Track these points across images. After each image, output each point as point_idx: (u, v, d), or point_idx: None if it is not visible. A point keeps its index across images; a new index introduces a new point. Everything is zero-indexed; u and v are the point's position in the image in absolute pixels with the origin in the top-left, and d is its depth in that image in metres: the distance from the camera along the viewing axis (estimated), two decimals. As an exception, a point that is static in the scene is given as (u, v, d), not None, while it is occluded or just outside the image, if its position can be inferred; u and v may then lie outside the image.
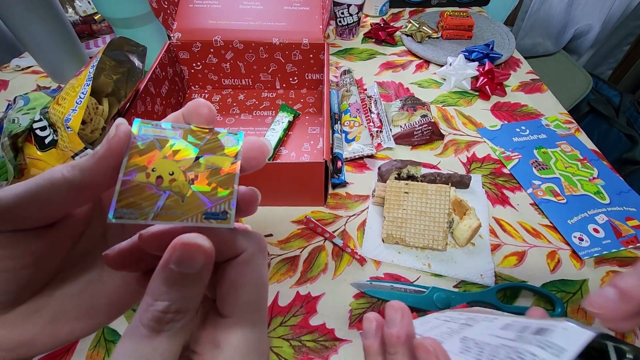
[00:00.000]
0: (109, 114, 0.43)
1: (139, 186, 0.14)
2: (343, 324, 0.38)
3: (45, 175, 0.13)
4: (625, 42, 1.14)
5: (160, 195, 0.14)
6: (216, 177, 0.15)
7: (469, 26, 0.79)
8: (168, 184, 0.14)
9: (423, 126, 0.56)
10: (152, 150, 0.14)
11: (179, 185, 0.14)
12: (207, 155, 0.15)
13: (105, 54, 0.43)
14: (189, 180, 0.14)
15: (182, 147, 0.15)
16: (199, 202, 0.14)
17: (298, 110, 0.61)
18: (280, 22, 0.59)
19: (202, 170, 0.15)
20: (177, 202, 0.14)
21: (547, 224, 0.47)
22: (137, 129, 0.14)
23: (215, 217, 0.14)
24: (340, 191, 0.51)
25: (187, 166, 0.15)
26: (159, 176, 0.14)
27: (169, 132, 0.15)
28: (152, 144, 0.14)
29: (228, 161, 0.15)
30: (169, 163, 0.14)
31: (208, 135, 0.16)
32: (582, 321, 0.38)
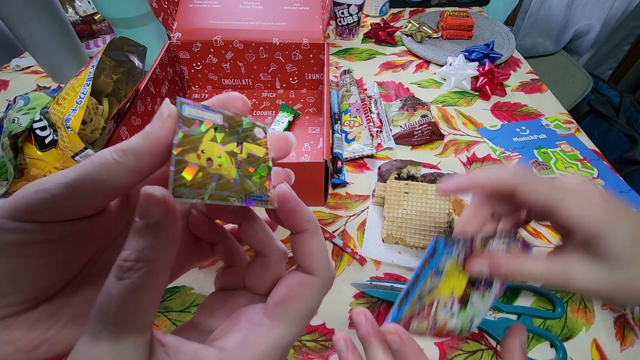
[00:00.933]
0: (109, 114, 0.43)
1: (190, 167, 0.14)
2: (343, 324, 0.38)
3: (95, 161, 0.13)
4: (625, 42, 1.14)
5: (212, 177, 0.14)
6: (255, 163, 0.16)
7: (469, 26, 0.79)
8: (217, 166, 0.15)
9: (423, 126, 0.56)
10: (197, 131, 0.14)
11: (227, 168, 0.15)
12: (245, 142, 0.16)
13: (105, 54, 0.43)
14: (235, 164, 0.15)
15: (225, 131, 0.15)
16: (246, 185, 0.15)
17: (298, 110, 0.61)
18: (280, 22, 0.59)
19: (244, 156, 0.16)
20: (227, 184, 0.15)
21: (547, 223, 0.47)
22: (180, 108, 0.14)
23: (260, 199, 0.15)
24: (340, 191, 0.51)
25: (231, 150, 0.15)
26: (209, 158, 0.14)
27: (210, 114, 0.15)
28: (197, 125, 0.14)
29: (262, 150, 0.17)
30: (215, 146, 0.15)
31: (243, 124, 0.16)
32: (582, 320, 0.38)
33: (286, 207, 0.16)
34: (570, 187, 0.24)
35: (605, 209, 0.23)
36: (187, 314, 0.38)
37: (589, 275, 0.23)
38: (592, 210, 0.23)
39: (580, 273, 0.23)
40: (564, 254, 0.25)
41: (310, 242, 0.16)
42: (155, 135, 0.13)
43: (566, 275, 0.24)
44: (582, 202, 0.23)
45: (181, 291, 0.40)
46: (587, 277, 0.23)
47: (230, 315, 0.16)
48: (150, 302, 0.12)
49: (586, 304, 0.40)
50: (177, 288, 0.40)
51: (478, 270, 0.25)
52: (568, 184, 0.24)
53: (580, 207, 0.23)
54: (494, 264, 0.25)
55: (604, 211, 0.23)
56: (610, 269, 0.23)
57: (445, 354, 0.36)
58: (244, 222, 0.17)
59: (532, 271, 0.25)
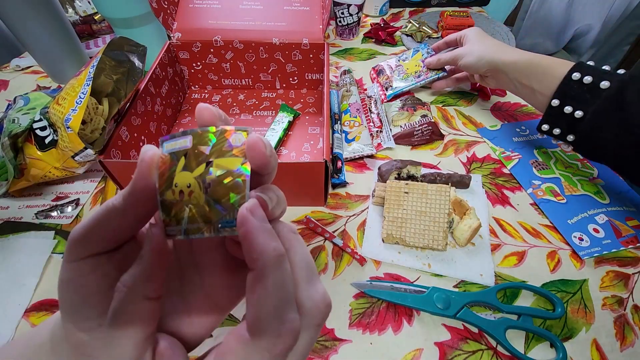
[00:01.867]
0: (109, 114, 0.43)
1: (170, 203, 0.14)
2: (343, 324, 0.38)
3: (104, 205, 0.16)
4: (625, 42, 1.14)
5: (184, 210, 0.14)
6: (228, 182, 0.14)
7: (469, 26, 0.79)
8: (188, 197, 0.14)
9: (423, 126, 0.56)
10: (173, 165, 0.15)
11: (196, 197, 0.14)
12: (218, 158, 0.15)
13: (105, 54, 0.43)
14: (204, 189, 0.14)
15: (194, 154, 0.15)
16: (213, 212, 0.14)
17: (298, 110, 0.61)
18: (280, 22, 0.59)
19: (213, 177, 0.14)
20: (197, 215, 0.14)
21: (547, 224, 0.47)
22: (161, 147, 0.15)
23: (229, 225, 0.14)
24: (340, 191, 0.51)
25: (200, 174, 0.14)
26: (181, 190, 0.14)
27: (181, 141, 0.15)
28: (171, 158, 0.15)
29: (238, 161, 0.15)
30: (186, 175, 0.14)
31: (215, 137, 0.15)
32: (582, 320, 0.38)
33: (244, 231, 0.13)
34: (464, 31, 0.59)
35: (469, 30, 0.58)
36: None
37: (462, 51, 0.56)
38: (464, 31, 0.58)
39: (460, 51, 0.56)
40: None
41: (254, 286, 0.13)
42: (135, 181, 0.15)
43: (455, 55, 0.57)
44: (463, 30, 0.58)
45: (181, 291, 0.40)
46: (462, 52, 0.56)
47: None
48: (127, 319, 0.15)
49: (586, 304, 0.40)
50: (177, 288, 0.40)
51: (428, 61, 0.63)
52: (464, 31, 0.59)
53: (461, 32, 0.59)
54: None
55: (467, 30, 0.58)
56: (465, 46, 0.56)
57: (445, 354, 0.36)
58: None
59: (442, 58, 0.60)
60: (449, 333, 0.37)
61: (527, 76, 0.47)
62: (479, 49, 0.53)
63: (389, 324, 0.38)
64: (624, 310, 0.39)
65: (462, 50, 0.55)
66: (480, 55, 0.52)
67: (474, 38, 0.55)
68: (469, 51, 0.54)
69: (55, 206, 0.48)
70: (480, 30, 0.57)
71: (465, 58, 0.55)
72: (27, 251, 0.43)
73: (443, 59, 0.59)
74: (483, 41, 0.54)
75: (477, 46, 0.54)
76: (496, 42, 0.53)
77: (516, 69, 0.48)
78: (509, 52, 0.50)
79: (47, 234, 0.45)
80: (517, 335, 0.37)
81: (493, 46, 0.53)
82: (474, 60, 0.53)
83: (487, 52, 0.52)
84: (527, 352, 0.36)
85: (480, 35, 0.55)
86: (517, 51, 0.50)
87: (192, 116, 0.60)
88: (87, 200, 0.49)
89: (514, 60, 0.49)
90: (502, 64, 0.50)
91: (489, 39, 0.54)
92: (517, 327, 0.37)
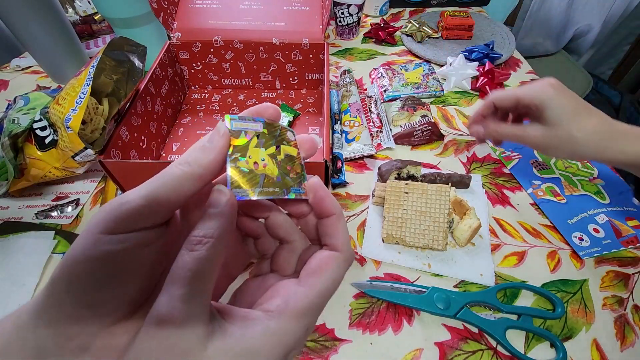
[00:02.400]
0: (109, 114, 0.43)
1: (242, 171, 0.17)
2: (343, 324, 0.38)
3: (165, 175, 0.16)
4: (625, 42, 1.14)
5: (259, 177, 0.18)
6: (291, 162, 0.20)
7: (469, 26, 0.79)
8: (262, 168, 0.18)
9: (423, 126, 0.56)
10: (244, 140, 0.18)
11: (270, 168, 0.18)
12: (282, 145, 0.20)
13: (105, 54, 0.43)
14: (277, 164, 0.19)
15: (265, 137, 0.19)
16: (286, 181, 0.19)
17: (298, 110, 0.61)
18: (280, 22, 0.59)
19: (282, 157, 0.19)
20: (271, 182, 0.18)
21: (547, 223, 0.47)
22: (229, 123, 0.18)
23: (297, 192, 0.19)
24: (340, 191, 0.51)
25: (271, 153, 0.19)
26: (255, 162, 0.18)
27: (252, 124, 0.19)
28: (243, 135, 0.18)
29: (294, 150, 0.20)
30: (259, 151, 0.18)
31: (279, 130, 0.20)
32: (582, 320, 0.38)
33: (317, 196, 0.19)
34: (525, 84, 0.40)
35: (551, 89, 0.36)
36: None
37: (537, 132, 0.37)
38: (540, 91, 0.37)
39: (532, 132, 0.38)
40: (522, 126, 0.40)
41: (336, 224, 0.19)
42: (214, 148, 0.17)
43: (524, 133, 0.38)
44: (534, 88, 0.38)
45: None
46: (536, 134, 0.37)
47: (265, 291, 0.19)
48: (211, 272, 0.15)
49: (586, 304, 0.40)
50: (177, 288, 0.40)
51: (475, 130, 0.42)
52: (532, 84, 0.39)
53: (531, 90, 0.38)
54: (485, 125, 0.41)
55: (549, 91, 0.36)
56: (548, 129, 0.36)
57: (445, 354, 0.36)
58: (271, 216, 0.20)
59: (506, 132, 0.40)
60: (449, 333, 0.37)
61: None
62: (580, 143, 0.35)
63: (389, 324, 0.38)
64: (624, 310, 0.39)
65: (545, 135, 0.37)
66: (582, 154, 0.36)
67: (565, 116, 0.36)
68: (558, 142, 0.36)
69: (55, 206, 0.48)
70: (571, 98, 0.37)
71: (552, 151, 0.38)
72: (27, 251, 0.43)
73: (505, 132, 0.40)
74: (580, 125, 0.36)
75: (573, 135, 0.36)
76: (600, 128, 0.36)
77: (635, 164, 0.35)
78: (624, 144, 0.35)
79: (47, 234, 0.45)
80: (517, 335, 0.37)
81: (600, 139, 0.35)
82: (567, 156, 0.37)
83: (593, 151, 0.36)
84: (527, 352, 0.36)
85: (574, 110, 0.36)
86: (633, 140, 0.35)
87: (192, 116, 0.60)
88: (87, 200, 0.49)
89: (632, 162, 0.35)
90: (616, 162, 0.36)
91: (585, 117, 0.36)
92: (517, 327, 0.37)
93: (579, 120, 0.36)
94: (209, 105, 0.63)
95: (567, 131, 0.36)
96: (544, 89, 0.37)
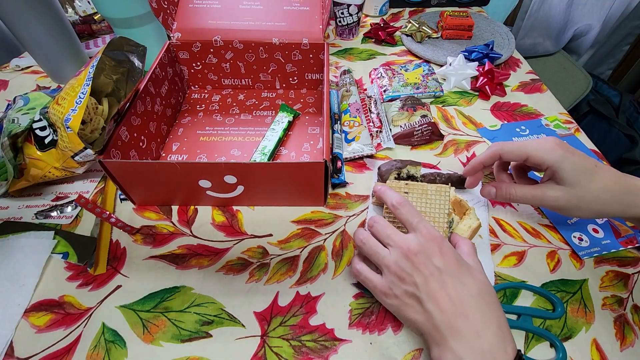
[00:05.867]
0: (109, 114, 0.43)
1: None
2: (343, 324, 0.38)
3: None
4: (625, 42, 1.14)
5: None
6: None
7: (469, 26, 0.79)
8: None
9: (423, 126, 0.56)
10: None
11: None
12: None
13: (105, 54, 0.43)
14: None
15: None
16: None
17: (298, 110, 0.61)
18: (280, 22, 0.59)
19: None
20: None
21: (547, 224, 0.47)
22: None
23: None
24: (340, 191, 0.51)
25: None
26: None
27: None
28: None
29: None
30: None
31: None
32: (582, 320, 0.38)
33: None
34: (532, 141, 0.38)
35: (560, 150, 0.36)
36: (187, 314, 0.38)
37: (557, 193, 0.36)
38: (550, 153, 0.36)
39: (551, 193, 0.37)
40: (541, 184, 0.38)
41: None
42: None
43: (543, 195, 0.37)
44: (543, 148, 0.37)
45: (181, 291, 0.40)
46: (555, 194, 0.36)
47: None
48: None
49: (586, 304, 0.40)
50: (176, 288, 0.40)
51: (487, 192, 0.41)
52: (531, 140, 0.38)
53: (541, 151, 0.37)
54: (498, 187, 0.39)
55: (558, 152, 0.36)
56: (567, 190, 0.36)
57: (445, 354, 0.36)
58: None
59: (522, 194, 0.38)
60: (448, 333, 0.37)
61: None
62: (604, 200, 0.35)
63: (389, 324, 0.38)
64: (623, 310, 0.39)
65: (567, 197, 0.36)
66: (608, 212, 0.36)
67: (583, 176, 0.35)
68: (581, 202, 0.35)
69: (55, 206, 0.48)
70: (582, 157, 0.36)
71: (575, 211, 0.37)
72: (27, 251, 0.43)
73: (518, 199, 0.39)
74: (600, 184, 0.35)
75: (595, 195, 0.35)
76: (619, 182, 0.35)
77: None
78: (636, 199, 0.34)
79: (47, 234, 0.45)
80: (517, 335, 0.37)
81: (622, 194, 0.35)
82: (593, 215, 0.36)
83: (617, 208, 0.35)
84: (527, 352, 0.36)
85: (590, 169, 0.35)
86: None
87: (192, 116, 0.60)
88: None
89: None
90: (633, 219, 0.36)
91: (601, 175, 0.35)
92: (517, 327, 0.37)
93: (597, 179, 0.35)
94: (209, 105, 0.63)
95: (588, 191, 0.35)
96: (554, 150, 0.36)
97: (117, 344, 0.36)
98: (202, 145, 0.55)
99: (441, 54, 0.75)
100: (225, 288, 0.40)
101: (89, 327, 0.37)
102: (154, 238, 0.45)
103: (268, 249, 0.44)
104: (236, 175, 0.42)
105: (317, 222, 0.47)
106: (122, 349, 0.36)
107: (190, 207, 0.48)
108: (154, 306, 0.39)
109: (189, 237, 0.45)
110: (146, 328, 0.37)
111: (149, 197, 0.47)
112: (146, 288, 0.40)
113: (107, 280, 0.41)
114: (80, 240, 0.44)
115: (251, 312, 0.39)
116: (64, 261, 0.42)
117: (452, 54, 0.74)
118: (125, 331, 0.37)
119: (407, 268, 0.32)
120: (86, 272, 0.41)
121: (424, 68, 0.70)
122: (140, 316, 0.38)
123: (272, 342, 0.36)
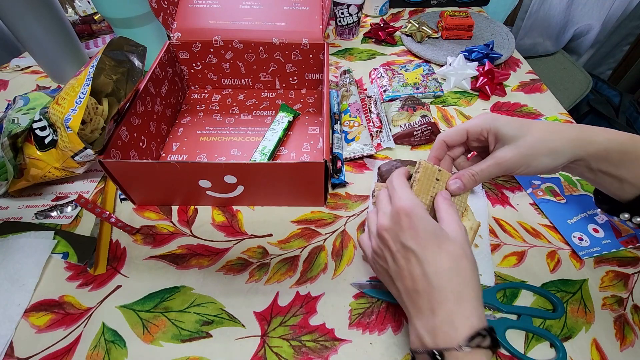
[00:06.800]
0: (109, 114, 0.43)
1: None
2: (343, 324, 0.38)
3: None
4: (625, 42, 1.14)
5: None
6: None
7: (469, 26, 0.79)
8: None
9: (423, 126, 0.56)
10: None
11: None
12: None
13: (105, 54, 0.43)
14: None
15: None
16: None
17: (298, 110, 0.61)
18: (280, 22, 0.59)
19: None
20: None
21: (547, 224, 0.47)
22: None
23: None
24: (340, 191, 0.51)
25: None
26: None
27: None
28: None
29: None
30: None
31: None
32: (582, 320, 0.38)
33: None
34: (469, 120, 0.39)
35: (492, 115, 0.38)
36: (187, 314, 0.38)
37: (505, 152, 0.36)
38: (484, 120, 0.37)
39: (501, 154, 0.36)
40: (492, 153, 0.37)
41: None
42: None
43: (497, 160, 0.36)
44: (477, 119, 0.38)
45: (181, 291, 0.40)
46: (505, 154, 0.36)
47: None
48: None
49: (586, 304, 0.40)
50: (176, 288, 0.40)
51: (456, 187, 0.37)
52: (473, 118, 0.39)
53: (476, 121, 0.38)
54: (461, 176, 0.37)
55: (490, 116, 0.37)
56: (512, 146, 0.35)
57: (445, 354, 0.36)
58: None
59: (481, 169, 0.37)
60: (448, 333, 0.37)
61: (615, 165, 0.36)
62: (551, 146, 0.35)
63: (389, 324, 0.38)
64: (623, 310, 0.39)
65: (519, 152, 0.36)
66: (558, 152, 0.35)
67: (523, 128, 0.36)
68: (531, 153, 0.36)
69: (55, 206, 0.48)
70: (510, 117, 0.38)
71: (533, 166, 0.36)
72: (27, 251, 0.43)
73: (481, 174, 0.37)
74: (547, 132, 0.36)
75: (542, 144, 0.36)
76: (565, 127, 0.36)
77: (606, 158, 0.36)
78: (594, 137, 0.35)
79: (47, 234, 0.45)
80: (517, 335, 0.37)
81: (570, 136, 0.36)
82: (550, 162, 0.36)
83: (567, 147, 0.35)
84: (527, 352, 0.36)
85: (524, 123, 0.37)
86: (602, 134, 0.36)
87: (192, 116, 0.60)
88: (87, 200, 0.50)
89: (604, 149, 0.35)
90: (588, 157, 0.36)
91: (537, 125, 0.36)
92: (517, 327, 0.37)
93: (534, 127, 0.36)
94: (209, 105, 0.63)
95: (533, 139, 0.35)
96: (487, 116, 0.38)
97: (117, 344, 0.36)
98: (202, 145, 0.55)
99: (441, 54, 0.75)
100: (225, 288, 0.40)
101: (89, 327, 0.37)
102: (154, 238, 0.45)
103: (268, 249, 0.44)
104: (236, 175, 0.42)
105: (317, 222, 0.47)
106: (122, 349, 0.36)
107: (190, 207, 0.48)
108: (154, 306, 0.39)
109: (189, 237, 0.45)
110: (146, 328, 0.37)
111: (149, 197, 0.47)
112: (146, 288, 0.40)
113: (107, 280, 0.41)
114: (80, 240, 0.44)
115: (251, 312, 0.39)
116: (64, 261, 0.42)
117: (452, 54, 0.74)
118: (125, 331, 0.37)
119: (380, 244, 0.33)
120: (86, 272, 0.41)
121: (424, 68, 0.70)
122: (140, 316, 0.38)
123: (272, 342, 0.36)
